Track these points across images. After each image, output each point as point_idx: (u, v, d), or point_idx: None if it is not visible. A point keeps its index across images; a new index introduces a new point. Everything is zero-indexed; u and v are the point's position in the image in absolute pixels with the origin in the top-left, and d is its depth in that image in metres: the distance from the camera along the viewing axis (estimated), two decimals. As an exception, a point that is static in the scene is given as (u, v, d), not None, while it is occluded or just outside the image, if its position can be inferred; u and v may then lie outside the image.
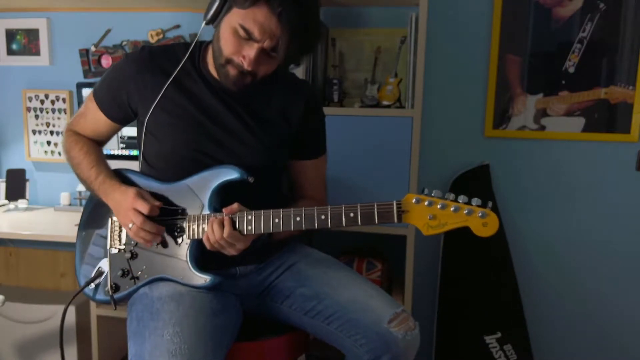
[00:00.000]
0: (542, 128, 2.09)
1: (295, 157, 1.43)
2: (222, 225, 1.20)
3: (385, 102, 2.01)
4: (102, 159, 1.39)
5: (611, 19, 1.99)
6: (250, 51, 1.18)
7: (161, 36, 2.29)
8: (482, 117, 2.13)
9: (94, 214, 1.40)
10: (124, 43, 2.33)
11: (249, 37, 1.17)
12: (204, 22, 1.24)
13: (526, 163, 2.13)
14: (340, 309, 1.26)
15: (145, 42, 2.30)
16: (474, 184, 2.12)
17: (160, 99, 1.29)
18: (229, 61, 1.22)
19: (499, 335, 2.08)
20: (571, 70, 2.04)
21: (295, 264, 1.38)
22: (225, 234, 1.19)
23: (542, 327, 2.20)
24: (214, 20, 1.22)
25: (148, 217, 1.24)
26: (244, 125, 1.31)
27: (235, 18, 1.18)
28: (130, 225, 1.25)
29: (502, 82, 2.09)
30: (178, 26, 2.28)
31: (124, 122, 1.40)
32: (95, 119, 1.39)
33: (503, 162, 2.14)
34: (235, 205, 1.22)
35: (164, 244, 1.29)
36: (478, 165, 2.13)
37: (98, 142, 1.44)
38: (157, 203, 1.26)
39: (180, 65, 1.30)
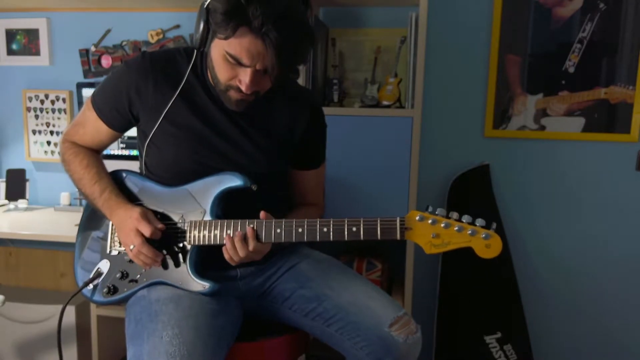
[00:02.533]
0: (542, 128, 2.09)
1: (296, 166, 1.43)
2: (245, 240, 1.20)
3: (385, 102, 2.01)
4: (103, 172, 1.36)
5: (611, 19, 1.99)
6: (245, 76, 1.17)
7: (161, 36, 2.29)
8: (482, 117, 2.13)
9: (95, 214, 1.39)
10: (124, 43, 2.33)
11: (239, 63, 1.15)
12: (194, 48, 1.23)
13: (526, 163, 2.13)
14: (341, 311, 1.26)
15: (145, 42, 2.30)
16: (474, 184, 2.12)
17: (166, 113, 1.28)
18: (228, 87, 1.21)
19: (499, 335, 2.08)
20: (571, 70, 2.04)
21: (296, 265, 1.38)
22: (251, 248, 1.20)
23: (542, 327, 2.20)
24: (203, 45, 1.20)
25: (149, 241, 1.23)
26: (247, 137, 1.30)
27: (221, 45, 1.16)
28: (132, 247, 1.24)
29: (502, 82, 2.09)
30: (178, 26, 2.28)
31: (125, 130, 1.37)
32: (95, 129, 1.36)
33: (503, 162, 2.14)
34: (263, 213, 1.22)
35: (166, 249, 1.28)
36: (478, 165, 2.13)
37: (97, 151, 1.42)
38: (160, 226, 1.25)
39: (185, 79, 1.28)
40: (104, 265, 1.34)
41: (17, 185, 2.36)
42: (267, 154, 1.32)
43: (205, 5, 1.16)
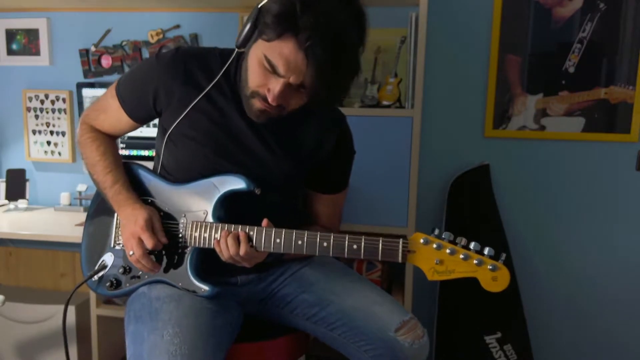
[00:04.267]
0: (542, 128, 2.09)
1: (314, 189, 1.40)
2: (237, 240, 1.18)
3: (385, 102, 2.01)
4: (118, 162, 1.35)
5: (611, 19, 1.99)
6: (275, 85, 1.11)
7: (161, 36, 2.29)
8: (482, 117, 2.13)
9: (102, 206, 1.39)
10: (124, 43, 2.33)
11: (274, 70, 1.10)
12: (235, 46, 1.18)
13: (526, 163, 2.13)
14: (344, 316, 1.25)
15: (145, 42, 2.30)
16: (474, 184, 2.12)
17: (188, 111, 1.25)
18: (254, 94, 1.16)
19: (499, 335, 2.08)
20: (571, 70, 2.04)
21: (299, 270, 1.36)
22: (241, 252, 1.18)
23: (542, 327, 2.20)
24: (244, 45, 1.15)
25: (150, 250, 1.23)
26: (269, 151, 1.27)
27: (261, 48, 1.11)
28: (131, 253, 1.23)
29: (502, 82, 2.09)
30: (178, 26, 2.28)
31: (146, 122, 1.36)
32: (116, 118, 1.34)
33: (503, 162, 2.14)
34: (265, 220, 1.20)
35: (166, 248, 1.27)
36: (478, 165, 2.13)
37: (115, 136, 1.41)
38: (164, 240, 1.24)
39: (214, 82, 1.24)
40: (109, 258, 1.34)
41: (17, 185, 2.36)
42: (283, 168, 1.29)
43: (259, 6, 1.11)
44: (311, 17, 1.04)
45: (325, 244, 1.16)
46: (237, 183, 1.23)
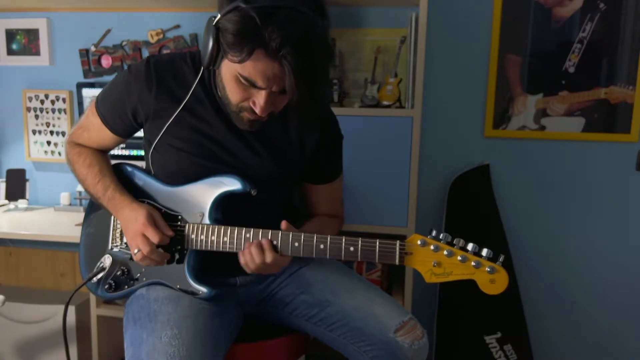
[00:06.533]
0: (542, 128, 2.09)
1: (308, 181, 1.40)
2: (261, 248, 1.17)
3: (385, 102, 2.01)
4: (106, 169, 1.34)
5: (611, 19, 1.99)
6: (260, 98, 1.11)
7: (161, 36, 2.29)
8: (482, 117, 2.13)
9: (98, 208, 1.39)
10: (124, 43, 2.33)
11: (253, 85, 1.10)
12: (203, 67, 1.16)
13: (526, 163, 2.13)
14: (344, 317, 1.25)
15: (145, 42, 2.30)
16: (474, 184, 2.12)
17: (169, 124, 1.25)
18: (241, 108, 1.16)
19: (499, 335, 2.08)
20: (571, 70, 2.04)
21: (298, 271, 1.36)
22: (268, 260, 1.16)
23: (542, 327, 2.20)
24: (212, 64, 1.12)
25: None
26: (253, 153, 1.27)
27: (233, 67, 1.09)
28: (136, 251, 1.22)
29: (502, 82, 2.09)
30: (178, 26, 2.28)
31: (130, 135, 1.35)
32: (100, 134, 1.34)
33: (503, 162, 2.14)
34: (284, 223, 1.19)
35: (164, 250, 1.26)
36: (478, 165, 2.13)
37: (103, 151, 1.41)
38: (170, 232, 1.23)
39: (191, 92, 1.23)
40: (107, 260, 1.34)
41: (17, 185, 2.36)
42: (270, 169, 1.29)
43: (214, 23, 1.07)
44: (275, 25, 1.01)
45: (322, 246, 1.15)
46: (232, 184, 1.22)
